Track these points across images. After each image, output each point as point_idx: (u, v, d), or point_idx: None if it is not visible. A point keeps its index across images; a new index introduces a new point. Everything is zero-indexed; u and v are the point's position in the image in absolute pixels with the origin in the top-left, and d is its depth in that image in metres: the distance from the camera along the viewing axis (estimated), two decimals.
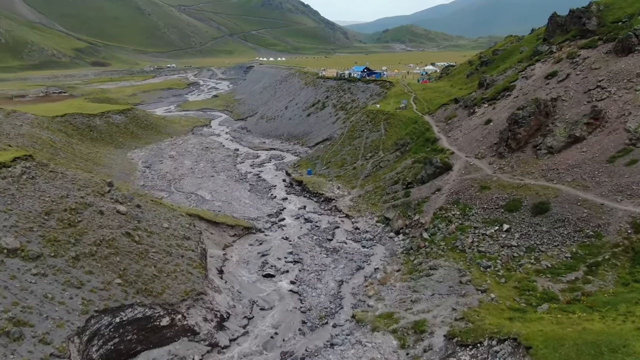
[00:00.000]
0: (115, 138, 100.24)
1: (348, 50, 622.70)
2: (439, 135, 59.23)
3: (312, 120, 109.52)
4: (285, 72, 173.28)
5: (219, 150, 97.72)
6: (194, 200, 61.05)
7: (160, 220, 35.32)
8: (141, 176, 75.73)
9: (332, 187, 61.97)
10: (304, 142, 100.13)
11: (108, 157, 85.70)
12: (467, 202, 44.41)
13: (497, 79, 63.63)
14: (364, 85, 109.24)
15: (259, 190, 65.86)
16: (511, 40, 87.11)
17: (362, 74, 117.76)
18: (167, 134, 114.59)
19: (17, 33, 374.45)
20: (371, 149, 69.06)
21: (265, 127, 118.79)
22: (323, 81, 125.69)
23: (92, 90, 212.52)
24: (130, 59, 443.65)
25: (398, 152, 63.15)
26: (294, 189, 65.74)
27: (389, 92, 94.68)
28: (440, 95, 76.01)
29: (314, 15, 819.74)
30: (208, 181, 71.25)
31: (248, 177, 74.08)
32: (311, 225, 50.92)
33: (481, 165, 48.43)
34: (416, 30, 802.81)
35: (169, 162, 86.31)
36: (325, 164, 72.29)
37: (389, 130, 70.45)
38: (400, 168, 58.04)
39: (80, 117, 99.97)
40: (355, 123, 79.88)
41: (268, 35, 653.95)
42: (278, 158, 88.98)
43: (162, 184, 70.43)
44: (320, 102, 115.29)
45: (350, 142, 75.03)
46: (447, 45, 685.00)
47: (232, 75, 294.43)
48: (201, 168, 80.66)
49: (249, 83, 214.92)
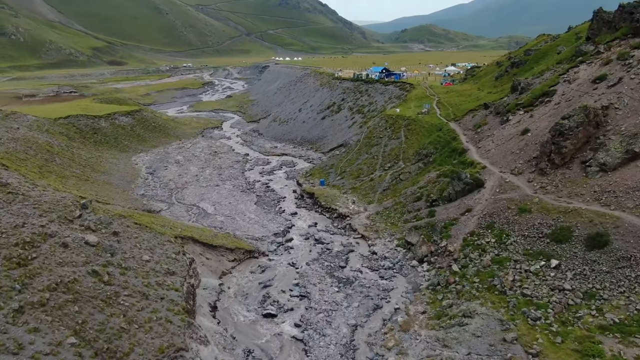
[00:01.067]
0: (121, 141, 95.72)
1: (366, 50, 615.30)
2: (467, 146, 52.68)
3: (327, 124, 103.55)
4: (301, 73, 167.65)
5: (227, 155, 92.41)
6: (195, 214, 55.61)
7: (141, 251, 29.78)
8: (143, 184, 70.70)
9: (347, 202, 55.88)
10: (318, 148, 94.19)
11: (110, 162, 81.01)
12: (503, 228, 37.93)
13: (532, 83, 56.76)
14: (383, 87, 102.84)
15: (267, 203, 60.12)
16: (544, 40, 79.83)
17: (380, 75, 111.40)
18: (175, 137, 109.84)
19: (36, 32, 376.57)
20: (390, 158, 62.78)
21: (278, 130, 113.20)
22: (339, 82, 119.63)
23: (106, 89, 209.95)
24: (147, 58, 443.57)
25: (420, 163, 56.76)
26: (305, 202, 59.85)
27: (410, 95, 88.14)
28: (467, 100, 69.30)
29: (332, 15, 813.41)
30: (212, 191, 65.80)
31: (256, 186, 68.43)
32: (322, 247, 44.95)
33: (519, 183, 41.84)
34: (435, 30, 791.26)
35: (174, 168, 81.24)
36: (340, 174, 66.24)
37: (410, 138, 64.07)
38: (423, 182, 51.67)
39: (85, 118, 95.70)
40: (373, 129, 73.63)
41: (285, 34, 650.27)
42: (289, 165, 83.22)
43: (163, 194, 65.22)
44: (336, 105, 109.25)
45: (367, 150, 68.82)
46: (467, 46, 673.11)
47: (248, 75, 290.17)
48: (207, 175, 75.33)
49: (264, 83, 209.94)
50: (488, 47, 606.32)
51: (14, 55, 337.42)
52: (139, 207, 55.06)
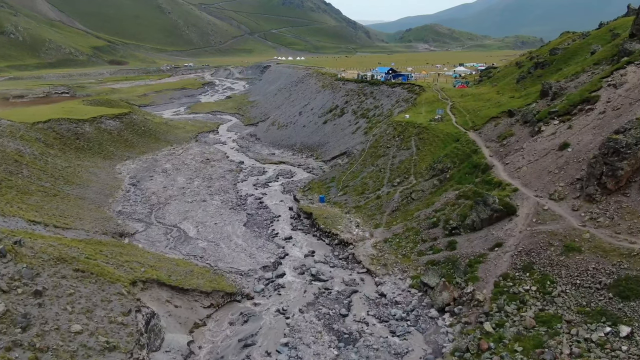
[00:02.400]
0: (105, 147, 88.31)
1: (370, 49, 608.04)
2: (491, 161, 44.79)
3: (329, 129, 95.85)
4: (302, 73, 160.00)
5: (220, 163, 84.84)
6: (174, 238, 47.98)
7: (73, 317, 22.27)
8: (122, 198, 63.23)
9: (350, 224, 48.12)
10: (319, 155, 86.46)
11: (90, 171, 73.60)
12: (546, 271, 30.16)
13: (566, 87, 48.84)
14: (389, 89, 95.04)
15: (258, 224, 52.40)
16: (571, 38, 71.83)
17: (386, 76, 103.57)
18: (166, 142, 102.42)
19: (36, 31, 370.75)
20: (399, 172, 54.96)
21: (276, 135, 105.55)
22: (342, 83, 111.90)
23: (102, 89, 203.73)
24: (149, 57, 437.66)
25: (435, 179, 48.92)
26: (302, 223, 52.10)
27: (419, 98, 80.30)
28: (486, 105, 61.41)
29: (336, 14, 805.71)
30: (198, 208, 58.15)
31: (248, 202, 60.75)
32: (320, 286, 37.21)
33: (561, 211, 34.02)
34: (440, 30, 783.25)
35: (160, 179, 73.75)
36: (342, 189, 58.49)
37: (422, 149, 56.24)
38: (440, 204, 43.88)
39: (67, 122, 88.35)
40: (380, 137, 65.82)
41: (288, 34, 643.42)
42: (287, 175, 75.53)
43: (143, 211, 57.67)
44: (339, 108, 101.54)
45: (373, 161, 61.01)
46: (472, 45, 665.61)
47: (250, 75, 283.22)
48: (194, 188, 67.74)
49: (264, 84, 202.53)
50: (494, 47, 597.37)
51: (12, 55, 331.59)
52: (109, 231, 47.54)
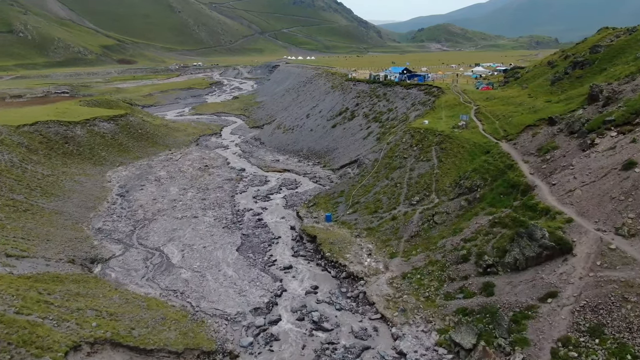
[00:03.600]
0: (97, 152, 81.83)
1: (381, 49, 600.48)
2: (532, 180, 36.97)
3: (338, 133, 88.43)
4: (311, 73, 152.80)
5: (219, 171, 77.88)
6: (153, 266, 40.92)
7: None
8: (106, 212, 56.42)
9: (360, 252, 40.66)
10: (327, 163, 79.07)
11: (76, 180, 67.01)
12: (622, 338, 22.51)
13: (621, 90, 40.88)
14: (404, 90, 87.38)
15: (254, 248, 45.15)
16: (613, 34, 63.62)
17: (401, 77, 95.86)
18: (164, 146, 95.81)
19: (45, 30, 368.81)
20: (418, 188, 47.35)
21: (282, 139, 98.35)
22: (353, 84, 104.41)
23: (107, 89, 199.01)
24: (158, 56, 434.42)
25: (462, 199, 41.26)
26: (305, 247, 44.75)
27: (439, 101, 72.56)
28: (518, 110, 53.50)
29: (347, 14, 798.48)
30: (187, 226, 51.05)
31: (244, 219, 53.51)
32: (323, 339, 29.83)
33: (634, 253, 26.28)
34: (453, 30, 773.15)
35: (151, 189, 66.93)
36: (352, 206, 51.03)
37: (445, 161, 48.57)
38: (470, 231, 36.25)
39: (56, 125, 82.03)
40: (395, 146, 58.24)
41: (299, 33, 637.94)
42: (291, 185, 68.29)
43: (125, 229, 50.72)
44: (349, 111, 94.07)
45: (388, 173, 53.43)
46: (485, 45, 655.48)
47: (259, 74, 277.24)
48: (187, 200, 60.74)
49: (272, 84, 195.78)
50: (508, 47, 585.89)
51: (21, 53, 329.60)
52: (78, 257, 40.65)
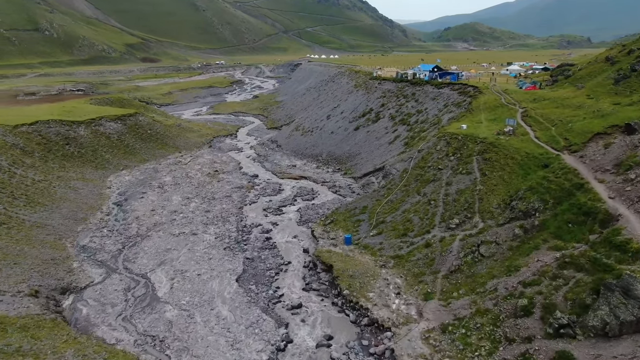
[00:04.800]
0: (100, 154, 75.92)
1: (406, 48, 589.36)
2: (614, 207, 28.33)
3: (361, 137, 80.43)
4: (334, 71, 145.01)
5: (230, 177, 70.95)
6: (134, 300, 33.83)
7: None
8: (97, 225, 49.88)
9: (387, 290, 32.72)
10: (348, 170, 71.23)
11: (71, 186, 60.92)
12: None
13: None
14: (435, 90, 78.79)
15: (257, 277, 37.64)
16: None
17: (431, 75, 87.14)
18: (174, 148, 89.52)
19: (70, 28, 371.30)
20: (457, 207, 39.09)
21: (300, 142, 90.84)
22: (378, 83, 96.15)
23: (126, 87, 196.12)
24: (181, 55, 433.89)
25: (516, 226, 32.85)
26: (319, 279, 37.02)
27: (476, 102, 63.87)
28: (578, 114, 44.58)
29: (372, 12, 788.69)
30: (183, 246, 43.94)
31: (251, 237, 46.13)
32: None
33: None
34: (480, 29, 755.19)
35: (152, 197, 60.31)
36: (376, 226, 43.07)
37: (491, 176, 40.14)
38: (530, 272, 27.93)
39: (58, 125, 76.45)
40: (427, 154, 49.97)
41: (323, 32, 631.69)
42: (307, 196, 60.69)
43: (112, 247, 43.93)
44: (373, 112, 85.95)
45: (420, 187, 45.25)
46: (514, 45, 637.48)
47: (281, 73, 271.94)
48: (189, 213, 53.77)
49: (294, 83, 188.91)
50: (537, 47, 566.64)
51: (46, 51, 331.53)
52: (46, 286, 33.93)
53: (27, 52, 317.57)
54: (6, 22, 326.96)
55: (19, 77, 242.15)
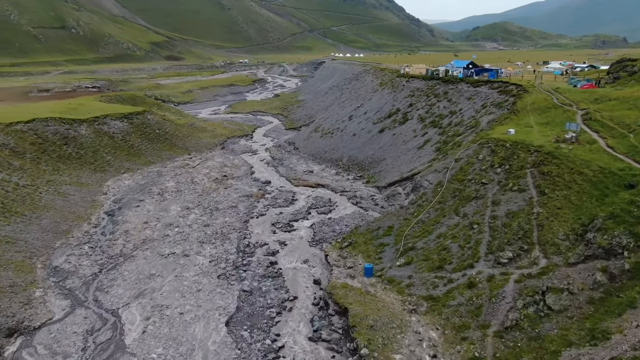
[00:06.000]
0: (101, 155, 69.87)
1: (434, 48, 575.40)
2: None
3: (387, 140, 72.19)
4: (358, 69, 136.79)
5: (239, 183, 63.80)
6: (93, 348, 26.64)
7: None
8: (78, 240, 43.23)
9: (419, 350, 24.62)
10: (371, 178, 63.16)
11: (61, 191, 54.67)
12: None
13: None
14: (471, 88, 69.93)
15: (253, 319, 30.00)
16: None
17: (466, 72, 78.13)
18: (184, 149, 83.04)
19: (96, 26, 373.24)
20: (509, 235, 30.64)
21: (319, 144, 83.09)
22: (406, 81, 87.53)
23: (146, 85, 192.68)
24: (205, 53, 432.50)
25: (596, 268, 24.31)
26: (330, 324, 29.15)
27: (521, 102, 54.89)
28: None
29: (399, 11, 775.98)
30: (171, 270, 36.70)
31: (253, 261, 38.59)
32: None
33: None
34: (510, 28, 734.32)
35: (149, 206, 53.52)
36: (404, 252, 34.93)
37: (552, 195, 31.54)
38: (628, 344, 19.54)
39: (57, 123, 70.74)
40: (467, 164, 41.50)
41: (349, 31, 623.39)
42: (324, 208, 52.88)
43: (88, 270, 37.04)
44: (401, 112, 77.54)
45: (458, 205, 36.87)
46: (546, 45, 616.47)
47: (304, 72, 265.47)
48: (185, 227, 46.62)
49: (317, 81, 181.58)
50: (570, 47, 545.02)
51: (72, 49, 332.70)
52: None
53: (53, 49, 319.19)
54: (34, 20, 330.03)
55: (43, 74, 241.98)
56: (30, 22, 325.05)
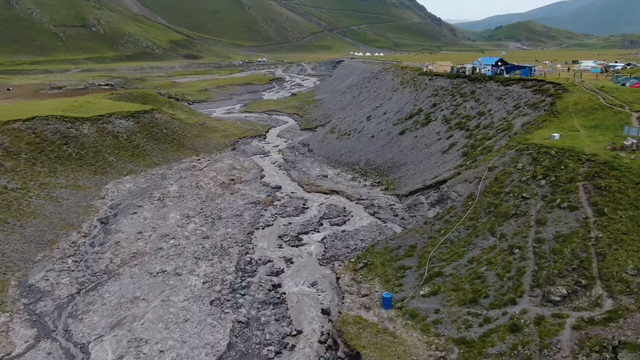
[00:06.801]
0: (103, 156, 65.92)
1: (455, 47, 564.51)
2: None
3: (408, 143, 66.54)
4: (378, 68, 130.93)
5: (247, 188, 59.01)
6: None
7: None
8: (63, 252, 38.90)
9: None
10: (390, 184, 57.62)
11: (54, 195, 50.62)
12: None
13: None
14: (501, 87, 63.75)
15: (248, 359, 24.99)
16: None
17: (495, 70, 71.83)
18: (192, 150, 78.70)
19: (116, 24, 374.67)
20: (560, 264, 24.93)
21: (334, 146, 77.79)
22: (429, 79, 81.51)
23: (161, 83, 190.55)
24: (224, 52, 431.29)
25: None
26: None
27: (561, 102, 48.71)
28: None
29: (420, 10, 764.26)
30: (158, 293, 31.90)
31: (253, 282, 33.56)
32: None
33: None
34: (534, 27, 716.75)
35: (147, 213, 49.05)
36: (429, 279, 29.44)
37: (613, 215, 25.73)
38: None
39: (58, 122, 67.08)
40: (503, 174, 35.70)
41: (369, 30, 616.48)
42: (337, 218, 47.62)
43: (65, 290, 32.54)
44: (423, 113, 71.74)
45: (494, 224, 31.18)
46: (571, 44, 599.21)
47: (323, 71, 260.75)
48: (182, 239, 41.88)
49: (335, 80, 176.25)
50: (597, 46, 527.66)
51: (92, 47, 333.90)
52: None
53: (74, 47, 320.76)
54: (55, 19, 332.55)
55: (62, 72, 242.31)
56: (51, 20, 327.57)
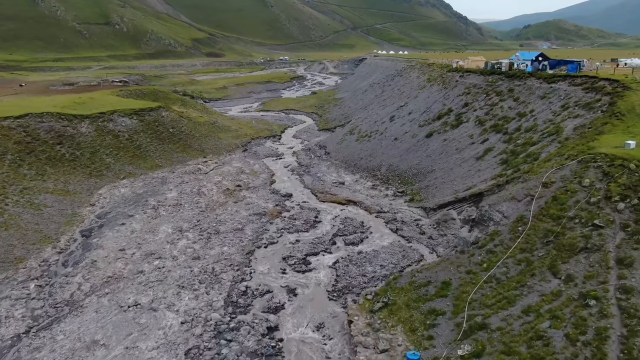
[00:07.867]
0: (100, 157, 60.46)
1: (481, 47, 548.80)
2: None
3: (435, 146, 58.98)
4: (402, 65, 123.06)
5: (254, 196, 52.54)
6: None
7: None
8: (27, 275, 33.06)
9: None
10: (416, 195, 50.24)
11: (35, 202, 45.09)
12: None
13: None
14: (545, 85, 55.54)
15: None
16: None
17: (536, 65, 63.47)
18: (199, 151, 72.83)
19: (139, 22, 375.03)
20: None
21: (353, 149, 70.67)
22: (459, 76, 73.47)
23: (180, 81, 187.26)
24: (246, 50, 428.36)
25: None
26: None
27: (624, 102, 40.58)
28: None
29: (446, 9, 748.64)
30: (122, 338, 25.52)
31: (245, 322, 26.84)
32: None
33: None
34: (564, 26, 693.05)
35: (136, 225, 43.01)
36: (469, 332, 22.22)
37: None
38: None
39: (53, 119, 61.98)
40: (562, 192, 28.08)
41: (393, 29, 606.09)
42: (354, 235, 40.65)
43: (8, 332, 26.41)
44: (453, 113, 63.99)
45: (555, 259, 23.73)
46: (603, 44, 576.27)
47: (345, 69, 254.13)
48: (168, 260, 35.53)
49: (357, 79, 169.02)
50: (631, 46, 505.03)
51: (114, 45, 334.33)
52: None
53: (97, 45, 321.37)
54: (79, 16, 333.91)
55: (84, 69, 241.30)
56: (75, 18, 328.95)
